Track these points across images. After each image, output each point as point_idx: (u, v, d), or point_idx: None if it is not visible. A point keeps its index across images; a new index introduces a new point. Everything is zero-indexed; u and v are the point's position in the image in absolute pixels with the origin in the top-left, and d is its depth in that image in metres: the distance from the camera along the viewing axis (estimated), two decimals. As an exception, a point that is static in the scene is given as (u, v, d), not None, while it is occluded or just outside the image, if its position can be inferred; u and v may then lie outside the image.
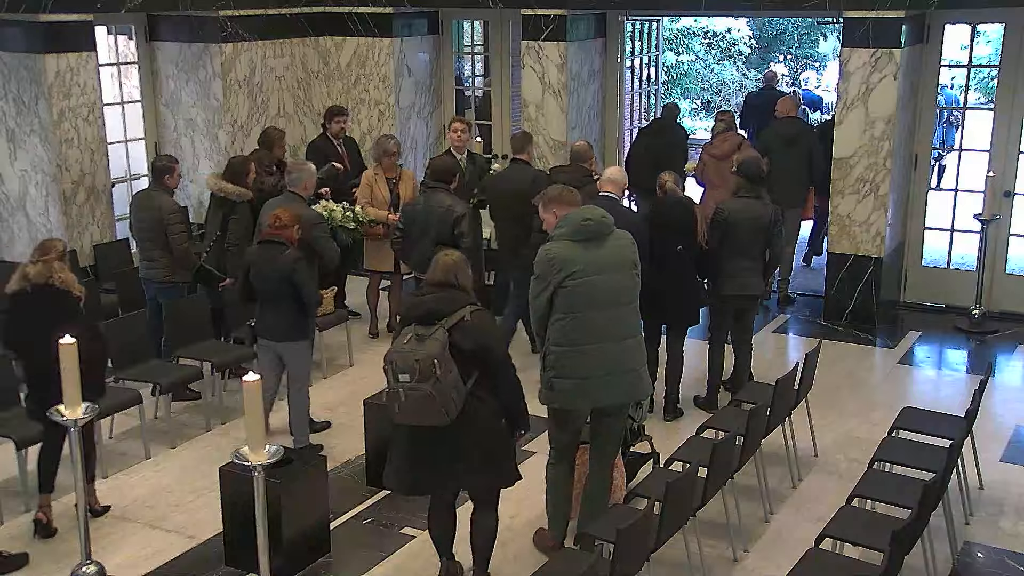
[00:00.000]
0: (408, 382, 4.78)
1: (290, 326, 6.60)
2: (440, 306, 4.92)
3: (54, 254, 5.80)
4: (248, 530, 4.93)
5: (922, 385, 8.45)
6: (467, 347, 4.87)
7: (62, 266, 5.80)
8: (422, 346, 4.79)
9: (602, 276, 5.24)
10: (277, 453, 4.67)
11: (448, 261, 5.07)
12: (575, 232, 5.27)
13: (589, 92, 10.73)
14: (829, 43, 21.43)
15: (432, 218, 7.64)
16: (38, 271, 5.75)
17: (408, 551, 5.83)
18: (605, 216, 5.36)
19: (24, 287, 5.76)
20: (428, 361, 4.74)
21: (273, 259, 6.48)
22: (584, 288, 5.21)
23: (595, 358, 5.24)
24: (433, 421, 4.84)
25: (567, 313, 5.23)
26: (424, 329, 4.85)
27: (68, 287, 5.75)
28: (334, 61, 11.21)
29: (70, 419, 5.09)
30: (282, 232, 6.51)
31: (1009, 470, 6.74)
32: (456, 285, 5.01)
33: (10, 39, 8.89)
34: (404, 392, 4.80)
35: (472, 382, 4.92)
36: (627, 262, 5.35)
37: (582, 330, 5.23)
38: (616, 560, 4.47)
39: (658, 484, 5.20)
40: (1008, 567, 5.66)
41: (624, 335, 5.31)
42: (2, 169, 9.30)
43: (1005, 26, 9.45)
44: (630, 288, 5.36)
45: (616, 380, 5.30)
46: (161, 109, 10.45)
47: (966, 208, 9.79)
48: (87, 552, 5.37)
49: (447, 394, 4.79)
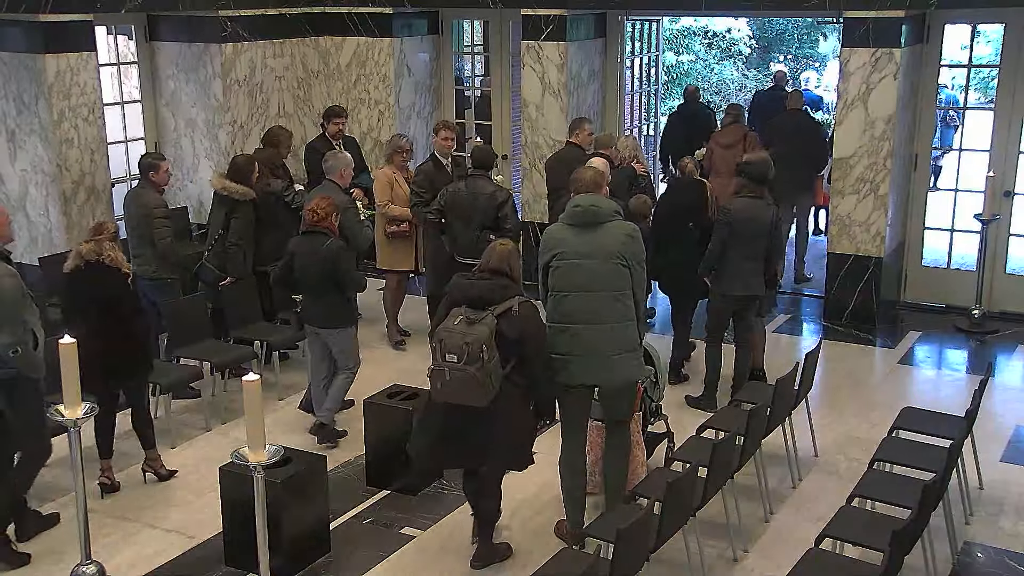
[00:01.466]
0: (455, 362, 5.06)
1: (333, 313, 6.83)
2: (492, 293, 5.20)
3: (106, 234, 6.25)
4: (248, 530, 4.93)
5: (922, 385, 8.45)
6: (511, 336, 5.13)
7: (112, 246, 6.22)
8: (472, 329, 5.08)
9: (585, 261, 5.42)
10: (277, 453, 4.68)
11: (504, 250, 5.37)
12: (566, 215, 5.55)
13: (589, 92, 10.72)
14: (829, 43, 21.43)
15: (477, 204, 7.85)
16: (90, 249, 6.18)
17: (408, 551, 5.83)
18: (595, 204, 5.51)
19: (78, 264, 6.19)
20: (477, 345, 5.03)
21: (315, 249, 6.71)
22: (567, 270, 5.44)
23: (573, 338, 5.44)
24: (473, 402, 5.12)
25: (554, 292, 5.50)
26: (474, 313, 5.14)
27: (117, 265, 6.18)
28: (334, 61, 11.21)
29: (70, 419, 5.09)
30: (322, 223, 6.75)
31: (1009, 470, 6.74)
32: (509, 274, 5.31)
33: (10, 39, 8.89)
34: (449, 371, 5.09)
35: (509, 368, 5.18)
36: (612, 252, 5.43)
37: (564, 310, 5.46)
38: (616, 560, 4.47)
39: (658, 484, 5.20)
40: (1008, 567, 5.66)
41: (600, 320, 5.42)
42: (2, 169, 9.30)
43: (1005, 26, 9.46)
44: (612, 277, 5.43)
45: (591, 362, 5.45)
46: (161, 109, 10.45)
47: (966, 208, 9.79)
48: (87, 552, 5.37)
49: (488, 378, 5.06)
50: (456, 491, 6.46)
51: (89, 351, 5.89)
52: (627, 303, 5.50)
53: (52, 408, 5.21)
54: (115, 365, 6.25)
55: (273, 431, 7.12)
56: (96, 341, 6.01)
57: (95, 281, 6.17)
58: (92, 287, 6.18)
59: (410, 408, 6.41)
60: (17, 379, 5.55)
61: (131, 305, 6.28)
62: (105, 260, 6.16)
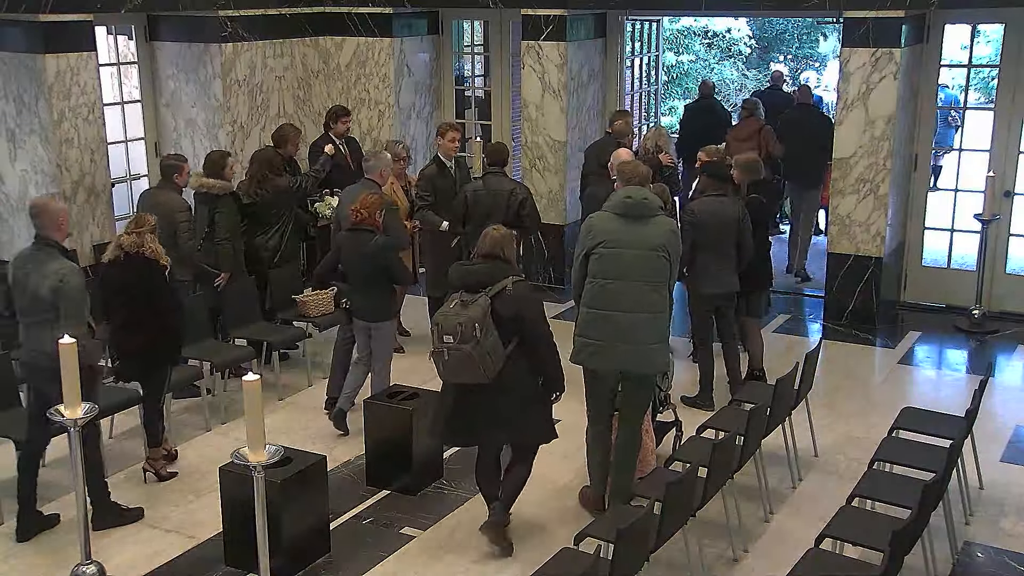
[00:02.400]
0: (451, 343, 5.34)
1: (379, 307, 7.04)
2: (485, 275, 5.49)
3: (146, 227, 6.38)
4: (248, 530, 4.93)
5: (922, 385, 8.45)
6: (507, 314, 5.41)
7: (152, 238, 6.37)
8: (465, 311, 5.37)
9: (630, 251, 5.65)
10: (277, 453, 4.68)
11: (496, 235, 5.62)
12: (615, 206, 5.76)
13: (589, 92, 10.73)
14: (829, 43, 21.43)
15: (499, 201, 8.01)
16: (131, 241, 6.32)
17: (408, 551, 5.83)
18: (646, 198, 5.76)
19: (118, 255, 6.34)
20: (469, 324, 5.30)
21: (361, 245, 6.90)
22: (610, 257, 5.67)
23: (609, 324, 5.67)
24: (472, 379, 5.40)
25: (594, 279, 5.71)
26: (469, 296, 5.44)
27: (156, 257, 6.35)
28: (334, 61, 11.21)
29: (69, 419, 5.09)
30: (367, 221, 6.93)
31: (1009, 470, 6.74)
32: (502, 257, 5.57)
33: (10, 39, 8.89)
34: (447, 352, 5.37)
35: (512, 346, 5.43)
36: (656, 245, 5.67)
37: (602, 297, 5.68)
38: (616, 560, 4.47)
39: (658, 484, 5.20)
40: (1008, 567, 5.66)
41: (637, 309, 5.65)
42: (2, 169, 9.29)
43: (1005, 26, 9.45)
44: (654, 268, 5.67)
45: (623, 349, 5.67)
46: (161, 109, 10.45)
47: (966, 208, 9.79)
48: (87, 552, 5.37)
49: (485, 355, 5.32)
50: (456, 491, 6.47)
51: (125, 340, 6.40)
52: (664, 294, 5.74)
53: (52, 408, 5.21)
54: (146, 355, 6.46)
55: (273, 431, 7.13)
56: (131, 330, 6.33)
57: (134, 272, 6.33)
58: (130, 278, 6.35)
59: (410, 408, 6.42)
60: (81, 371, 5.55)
61: (167, 297, 6.47)
62: (145, 252, 6.32)
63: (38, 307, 5.65)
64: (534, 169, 10.59)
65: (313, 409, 7.74)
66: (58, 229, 5.77)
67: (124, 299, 6.37)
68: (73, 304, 5.58)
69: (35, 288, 5.64)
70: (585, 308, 5.76)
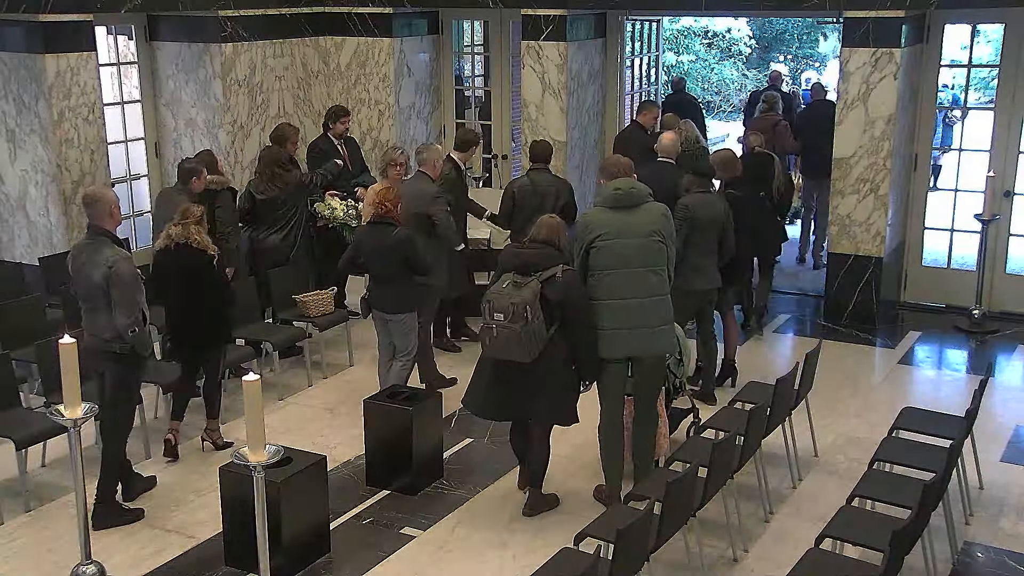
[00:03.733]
0: (502, 320, 5.63)
1: (399, 299, 7.13)
2: (538, 260, 5.78)
3: (192, 218, 6.67)
4: (248, 530, 4.93)
5: (922, 385, 8.45)
6: (554, 299, 5.68)
7: (199, 229, 6.67)
8: (518, 291, 5.65)
9: (626, 240, 5.85)
10: (277, 453, 4.68)
11: (553, 223, 5.95)
12: (607, 199, 5.97)
13: (589, 92, 10.73)
14: (829, 43, 21.45)
15: (548, 196, 8.23)
16: (178, 232, 6.64)
17: (408, 551, 5.83)
18: (635, 187, 5.96)
19: (168, 244, 6.68)
20: (522, 305, 5.59)
21: (383, 238, 7.00)
22: (608, 249, 5.85)
23: (616, 313, 5.85)
24: (517, 357, 5.67)
25: (595, 271, 5.89)
26: (521, 278, 5.72)
27: (203, 247, 6.64)
28: (334, 61, 11.21)
29: (69, 419, 5.09)
30: (388, 214, 7.06)
31: (1009, 470, 6.74)
32: (555, 245, 5.87)
33: (10, 39, 8.89)
34: (497, 329, 5.65)
35: (553, 330, 5.71)
36: (650, 231, 5.87)
37: (606, 287, 5.86)
38: (616, 560, 4.47)
39: (658, 484, 5.20)
40: (1008, 567, 5.66)
41: (642, 294, 5.85)
42: (2, 169, 9.30)
43: (1005, 26, 9.45)
44: (651, 253, 5.87)
45: (631, 334, 5.86)
46: (161, 109, 10.45)
47: (966, 208, 9.79)
48: (87, 552, 5.37)
49: (531, 336, 5.61)
50: (456, 491, 6.47)
51: (175, 323, 6.83)
52: (663, 277, 5.94)
53: (52, 408, 5.21)
54: (196, 337, 6.81)
55: (273, 431, 7.13)
56: (181, 314, 6.75)
57: (182, 260, 6.65)
58: (179, 266, 6.66)
59: (410, 408, 6.42)
60: (128, 355, 5.95)
61: (213, 283, 6.76)
62: (191, 243, 6.61)
63: (94, 294, 5.89)
64: (534, 169, 10.58)
65: (313, 409, 7.74)
66: (110, 218, 5.97)
67: (175, 285, 6.71)
68: (124, 290, 5.80)
69: (89, 275, 5.87)
70: (591, 300, 5.91)
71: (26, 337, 7.33)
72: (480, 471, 6.73)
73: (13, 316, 7.67)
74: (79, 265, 5.95)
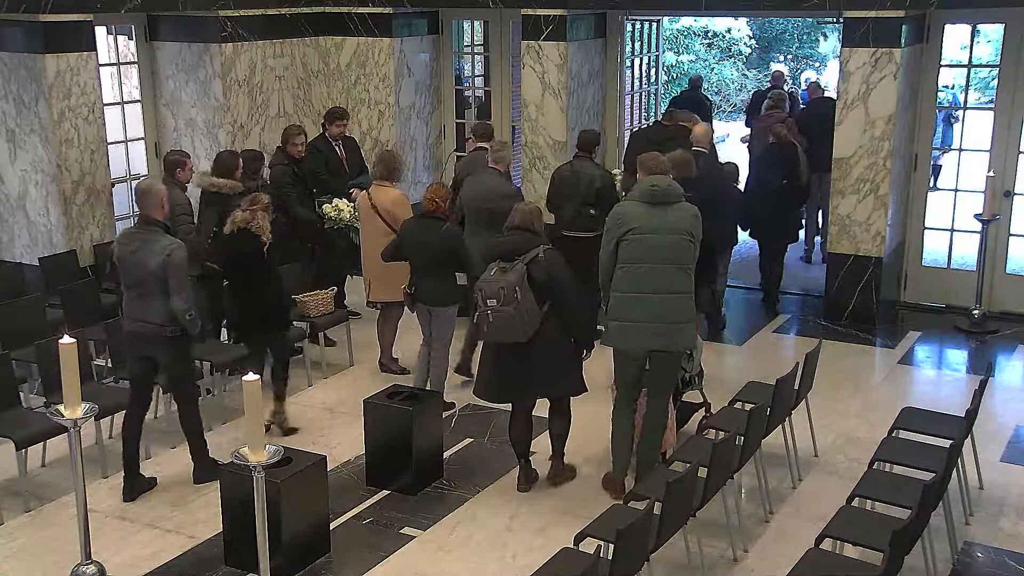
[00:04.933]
0: (495, 305, 5.92)
1: (444, 292, 7.36)
2: (516, 246, 6.11)
3: (259, 205, 6.96)
4: (248, 530, 4.93)
5: (922, 385, 8.45)
6: (540, 278, 6.00)
7: (264, 216, 6.94)
8: (505, 276, 5.97)
9: (657, 236, 5.99)
10: (277, 453, 4.68)
11: (527, 210, 6.28)
12: (642, 194, 6.09)
13: (589, 92, 10.72)
14: (829, 43, 21.46)
15: (580, 184, 8.62)
16: (243, 217, 6.92)
17: (408, 551, 5.83)
18: (671, 185, 6.13)
19: (233, 230, 6.95)
20: (510, 288, 5.90)
21: (432, 232, 7.21)
22: (639, 243, 6.00)
23: (640, 306, 6.01)
24: (514, 338, 5.98)
25: (624, 264, 6.04)
26: (507, 264, 6.03)
27: (260, 233, 6.90)
28: (334, 61, 11.21)
29: (69, 419, 5.09)
30: (438, 209, 7.28)
31: (1009, 470, 6.74)
32: (531, 229, 6.17)
33: (10, 39, 8.89)
34: (492, 314, 5.94)
35: (546, 308, 6.01)
36: (682, 229, 6.02)
37: (633, 280, 6.02)
38: (616, 560, 4.47)
39: (658, 484, 5.20)
40: (1008, 567, 5.66)
41: (667, 290, 6.00)
42: (2, 169, 9.30)
43: (1005, 26, 9.45)
44: (680, 251, 6.02)
45: (655, 329, 6.01)
46: (161, 109, 10.45)
47: (966, 208, 9.79)
48: (87, 552, 5.37)
49: (524, 316, 5.92)
50: (456, 491, 6.47)
51: (237, 309, 7.12)
52: (689, 275, 6.08)
53: (52, 408, 5.21)
54: (258, 323, 7.09)
55: (273, 431, 7.14)
56: (241, 298, 7.03)
57: (242, 246, 6.93)
58: (239, 252, 6.96)
59: (410, 408, 6.42)
60: (179, 337, 6.25)
61: (265, 270, 7.00)
62: (252, 228, 6.86)
63: (146, 280, 6.15)
64: (534, 169, 10.59)
65: (313, 409, 7.74)
66: (160, 209, 6.25)
67: (236, 272, 7.04)
68: (181, 276, 6.12)
69: (143, 263, 6.12)
70: (616, 292, 6.09)
71: (26, 337, 7.33)
72: (480, 471, 6.73)
73: (13, 316, 7.67)
74: (129, 253, 6.18)
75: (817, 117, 11.14)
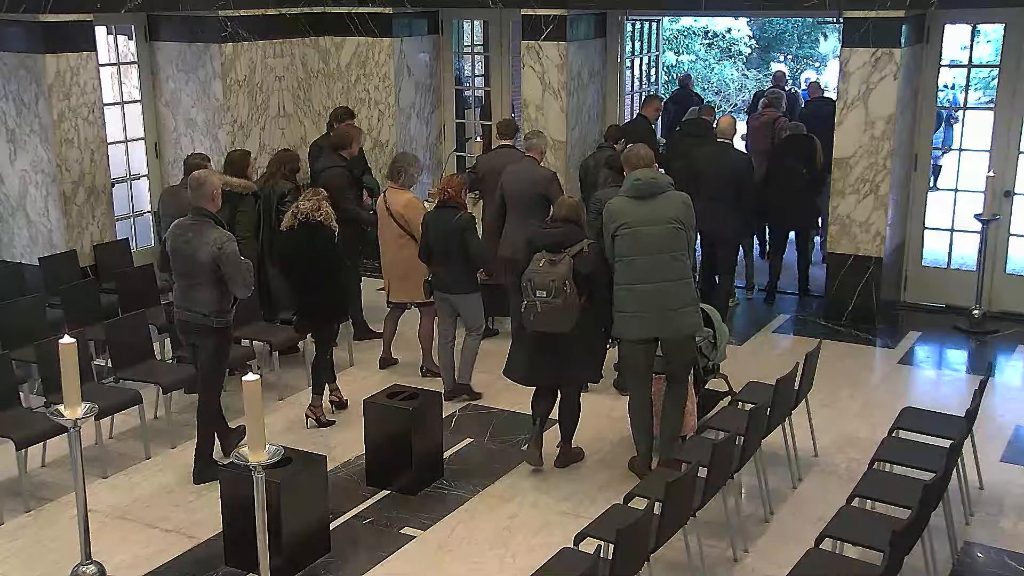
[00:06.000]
0: (544, 297, 6.11)
1: (461, 280, 7.52)
2: (566, 237, 6.28)
3: (322, 194, 7.25)
4: (248, 530, 4.93)
5: (922, 385, 8.45)
6: (584, 271, 6.19)
7: (327, 204, 7.18)
8: (554, 268, 6.14)
9: (647, 228, 6.15)
10: (277, 453, 4.68)
11: (572, 202, 6.53)
12: (627, 190, 6.29)
13: (589, 92, 10.73)
14: (829, 43, 21.45)
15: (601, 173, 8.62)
16: (309, 206, 7.13)
17: (408, 551, 5.83)
18: (654, 177, 6.31)
19: (294, 223, 7.15)
20: (560, 281, 6.10)
21: (447, 221, 7.40)
22: (631, 237, 6.17)
23: (640, 296, 6.18)
24: (560, 328, 6.18)
25: (621, 258, 6.22)
26: (554, 255, 6.20)
27: (328, 221, 7.15)
28: (334, 61, 11.21)
29: (69, 419, 5.09)
30: (452, 199, 7.47)
31: (1009, 470, 6.74)
32: (577, 222, 6.38)
33: (10, 39, 8.90)
34: (540, 305, 6.14)
35: (584, 299, 6.20)
36: (670, 218, 6.17)
37: (630, 272, 6.19)
38: (616, 560, 4.47)
39: (658, 484, 5.20)
40: (1008, 567, 5.66)
41: (662, 279, 6.16)
42: (2, 169, 9.30)
43: (1005, 26, 9.45)
44: (672, 240, 6.17)
45: (656, 317, 6.18)
46: (161, 109, 10.46)
47: (966, 208, 9.79)
48: (87, 552, 5.37)
49: (570, 308, 6.12)
50: (456, 491, 6.47)
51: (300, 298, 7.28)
52: (685, 263, 6.25)
53: (52, 408, 5.21)
54: (319, 312, 7.26)
55: (273, 431, 7.13)
56: (306, 290, 7.18)
57: (307, 237, 7.10)
58: (305, 243, 7.10)
59: (410, 408, 6.42)
60: (223, 328, 6.43)
61: (335, 260, 7.23)
62: (319, 217, 7.08)
63: (197, 271, 6.29)
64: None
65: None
66: (211, 201, 6.37)
67: (300, 263, 7.15)
68: (233, 266, 6.24)
69: (194, 254, 6.26)
70: (617, 285, 6.24)
71: (26, 337, 7.33)
72: (480, 471, 6.73)
73: (13, 316, 7.67)
74: (182, 243, 6.34)
75: (817, 117, 11.19)
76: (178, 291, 6.50)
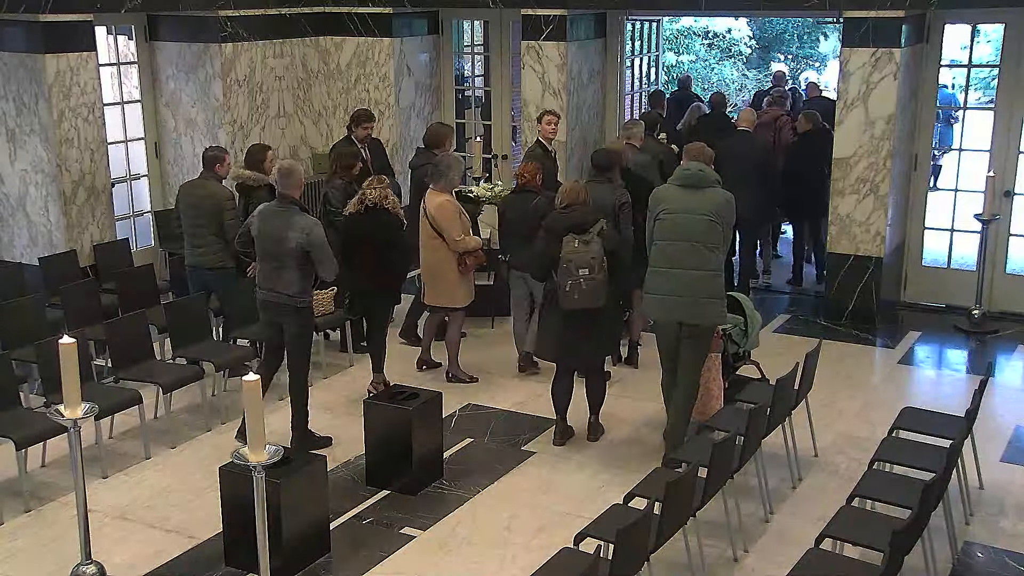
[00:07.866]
0: (587, 274, 6.47)
1: None
2: (587, 217, 6.65)
3: (386, 182, 7.55)
4: (248, 530, 4.93)
5: (922, 385, 8.45)
6: (609, 248, 6.61)
7: (393, 194, 7.51)
8: (588, 248, 6.53)
9: (686, 216, 6.38)
10: (277, 453, 4.68)
11: (576, 186, 6.92)
12: (676, 178, 6.56)
13: (589, 92, 10.73)
14: (829, 43, 21.43)
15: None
16: (376, 194, 7.40)
17: (408, 551, 5.83)
18: (702, 170, 6.50)
19: (359, 208, 7.41)
20: (599, 258, 6.52)
21: (525, 204, 7.83)
22: (671, 222, 6.42)
23: (670, 280, 6.42)
24: (595, 304, 6.54)
25: (658, 240, 6.49)
26: (582, 235, 6.55)
27: (395, 208, 7.47)
28: (334, 61, 11.21)
29: (69, 419, 5.09)
30: (529, 183, 7.94)
31: (1009, 470, 6.74)
32: (587, 203, 6.74)
33: (10, 39, 8.90)
34: (584, 282, 6.48)
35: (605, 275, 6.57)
36: (710, 211, 6.37)
37: (666, 256, 6.44)
38: (616, 560, 4.47)
39: (658, 484, 5.20)
40: (1008, 567, 5.66)
41: (693, 267, 6.37)
42: (2, 169, 9.30)
43: (1005, 26, 9.45)
44: (707, 231, 6.36)
45: (680, 301, 6.40)
46: (161, 109, 10.46)
47: (966, 208, 9.79)
48: (87, 552, 5.37)
49: (604, 284, 6.54)
50: (456, 491, 6.47)
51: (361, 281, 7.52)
52: (719, 256, 6.44)
53: (52, 408, 5.21)
54: (377, 294, 7.60)
55: (273, 431, 7.13)
56: (367, 273, 7.44)
57: (374, 223, 7.37)
58: (371, 228, 7.38)
59: (410, 408, 6.42)
60: (306, 308, 6.80)
61: (400, 245, 7.52)
62: (388, 205, 7.37)
63: (283, 255, 6.59)
64: (534, 169, 10.57)
65: (313, 408, 7.72)
66: (297, 189, 6.70)
67: (364, 247, 7.39)
68: (322, 251, 6.58)
69: (281, 239, 6.56)
70: (652, 267, 6.51)
71: (26, 337, 7.33)
72: (480, 471, 6.73)
73: (13, 316, 7.67)
74: (269, 228, 6.62)
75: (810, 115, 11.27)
76: (262, 273, 6.79)
